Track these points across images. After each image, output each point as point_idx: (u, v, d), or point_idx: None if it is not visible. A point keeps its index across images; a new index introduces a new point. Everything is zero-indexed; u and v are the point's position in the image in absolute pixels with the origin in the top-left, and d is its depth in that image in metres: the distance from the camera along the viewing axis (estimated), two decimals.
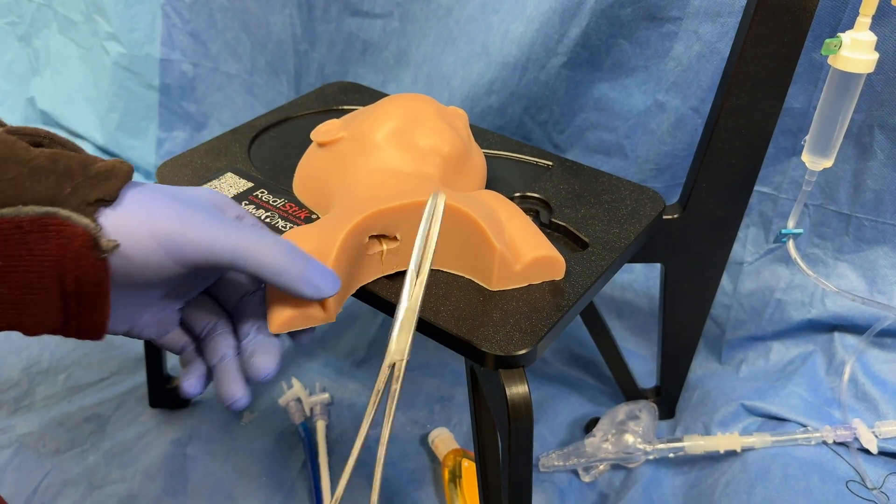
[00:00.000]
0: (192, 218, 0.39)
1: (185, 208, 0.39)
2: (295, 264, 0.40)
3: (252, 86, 1.15)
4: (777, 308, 0.85)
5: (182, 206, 0.39)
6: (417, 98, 0.59)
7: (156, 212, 0.38)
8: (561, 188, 0.63)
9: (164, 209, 0.38)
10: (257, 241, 0.39)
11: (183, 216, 0.38)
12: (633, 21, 0.79)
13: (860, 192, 0.77)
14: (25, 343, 0.94)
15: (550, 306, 0.50)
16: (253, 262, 0.39)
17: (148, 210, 0.38)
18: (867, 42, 0.56)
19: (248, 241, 0.39)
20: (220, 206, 0.45)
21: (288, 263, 0.40)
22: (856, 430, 0.72)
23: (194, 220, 0.39)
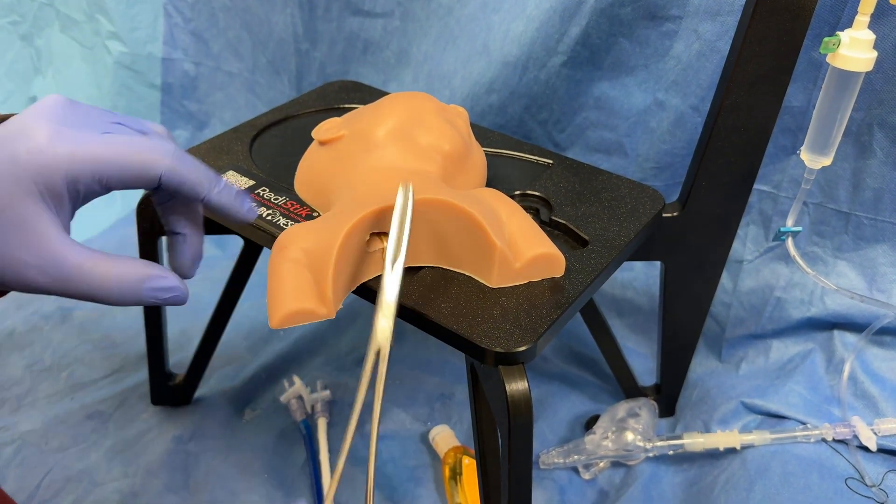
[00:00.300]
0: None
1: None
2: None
3: (254, 85, 1.15)
4: (777, 306, 0.85)
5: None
6: (418, 96, 0.60)
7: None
8: (561, 186, 0.64)
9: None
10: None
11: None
12: (633, 20, 0.79)
13: (859, 191, 0.77)
14: (28, 341, 0.94)
15: (550, 303, 0.50)
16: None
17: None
18: (866, 40, 0.56)
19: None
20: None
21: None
22: (855, 428, 0.73)
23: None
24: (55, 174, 0.38)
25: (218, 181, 0.42)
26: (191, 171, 0.41)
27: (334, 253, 0.46)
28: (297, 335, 0.95)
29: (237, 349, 0.94)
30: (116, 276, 0.39)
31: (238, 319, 0.91)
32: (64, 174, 0.38)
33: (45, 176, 0.37)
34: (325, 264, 0.46)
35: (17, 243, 0.38)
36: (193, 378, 0.85)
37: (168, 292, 0.41)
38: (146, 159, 0.39)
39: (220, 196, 0.42)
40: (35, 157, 0.37)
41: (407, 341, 0.95)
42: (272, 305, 0.46)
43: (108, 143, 0.39)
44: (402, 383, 0.89)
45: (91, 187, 0.39)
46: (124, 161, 0.39)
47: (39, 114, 0.39)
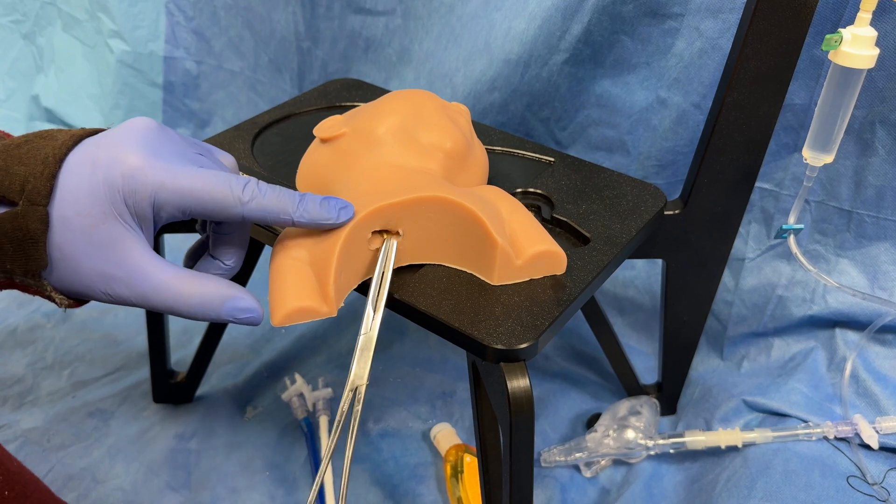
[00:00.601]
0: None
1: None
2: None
3: (255, 83, 1.15)
4: (778, 304, 0.85)
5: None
6: (419, 94, 0.60)
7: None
8: (562, 184, 0.64)
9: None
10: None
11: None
12: (634, 17, 0.79)
13: (861, 189, 0.77)
14: (30, 339, 0.94)
15: (552, 301, 0.50)
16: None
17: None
18: (868, 37, 0.56)
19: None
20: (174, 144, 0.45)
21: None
22: (857, 426, 0.73)
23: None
24: (144, 200, 0.40)
25: (301, 202, 0.44)
26: (272, 204, 0.43)
27: (336, 251, 0.46)
28: (298, 333, 0.95)
29: (239, 347, 0.94)
30: (199, 295, 0.42)
31: None
32: (152, 201, 0.41)
33: (136, 200, 0.40)
34: (326, 262, 0.46)
35: (108, 259, 0.41)
36: (195, 376, 0.85)
37: (246, 312, 0.43)
38: (229, 196, 0.42)
39: (304, 216, 0.45)
40: (128, 182, 0.40)
41: (408, 339, 0.95)
42: (274, 303, 0.46)
43: (195, 179, 0.41)
44: (404, 381, 0.89)
45: (174, 215, 0.42)
46: (209, 198, 0.41)
47: (133, 138, 0.42)
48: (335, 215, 0.46)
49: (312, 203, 0.45)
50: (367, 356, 0.46)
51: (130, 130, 0.42)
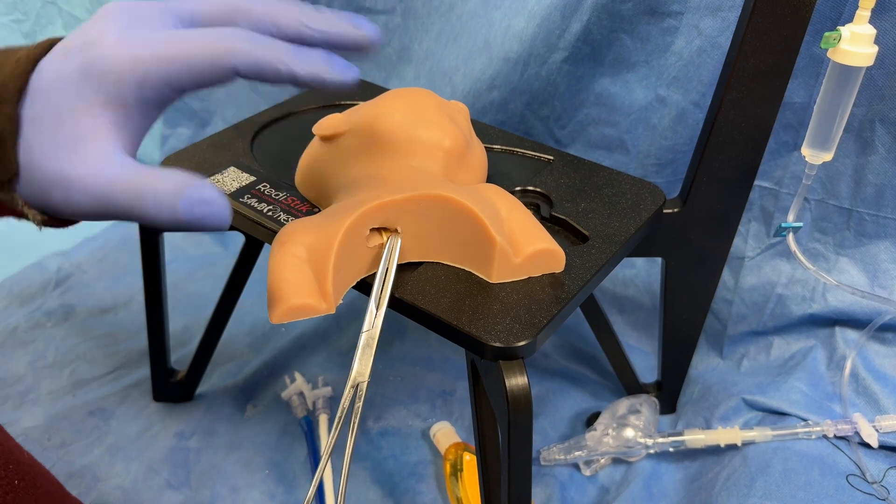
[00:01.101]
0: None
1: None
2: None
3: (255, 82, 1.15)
4: (778, 303, 0.85)
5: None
6: (418, 92, 0.60)
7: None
8: (561, 182, 0.64)
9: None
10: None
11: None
12: (633, 16, 0.79)
13: (861, 187, 0.77)
14: (31, 338, 0.94)
15: (550, 298, 0.50)
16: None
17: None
18: (866, 35, 0.56)
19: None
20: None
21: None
22: (856, 425, 0.73)
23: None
24: (119, 82, 0.35)
25: (297, 52, 0.37)
26: (266, 50, 0.36)
27: (334, 248, 0.46)
28: (298, 332, 0.95)
29: (239, 346, 0.94)
30: (152, 188, 0.35)
31: (240, 316, 0.91)
32: (129, 81, 0.35)
33: (110, 85, 0.35)
34: (325, 260, 0.46)
35: (70, 159, 0.36)
36: (195, 374, 0.85)
37: (205, 205, 0.35)
38: (215, 50, 0.36)
39: (306, 68, 0.37)
40: (103, 63, 0.35)
41: (408, 338, 0.95)
42: (272, 300, 0.46)
43: (172, 40, 0.36)
44: (403, 380, 0.89)
45: (161, 92, 0.36)
46: (192, 56, 0.35)
47: (104, 19, 0.37)
48: (341, 70, 0.39)
49: (314, 55, 0.38)
50: (369, 353, 0.46)
51: (101, 15, 0.38)
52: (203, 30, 0.37)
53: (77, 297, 1.02)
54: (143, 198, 0.35)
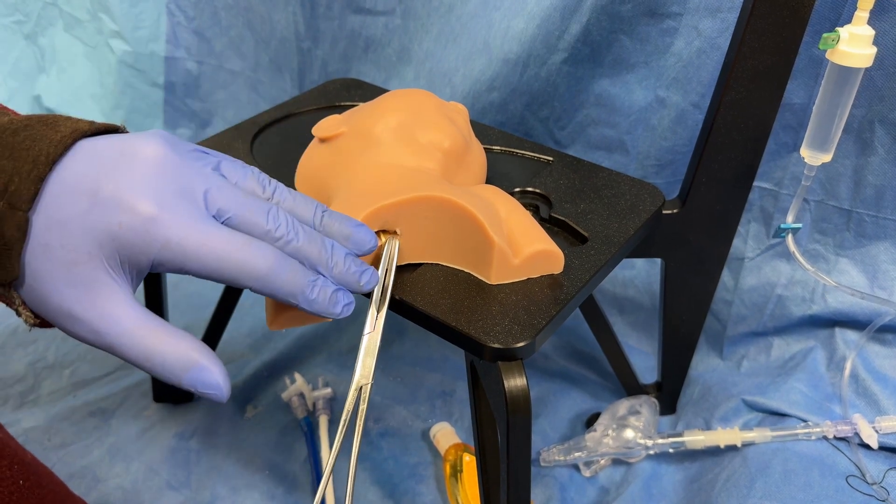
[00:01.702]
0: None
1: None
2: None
3: (256, 83, 1.15)
4: (778, 304, 0.85)
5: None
6: (418, 93, 0.60)
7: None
8: (561, 183, 0.64)
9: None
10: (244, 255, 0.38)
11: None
12: (633, 17, 0.79)
13: (861, 188, 0.77)
14: (31, 338, 0.95)
15: (549, 300, 0.50)
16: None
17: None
18: (865, 36, 0.56)
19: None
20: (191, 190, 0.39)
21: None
22: (856, 426, 0.72)
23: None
24: (142, 256, 0.36)
25: (312, 289, 0.40)
26: (286, 285, 0.39)
27: None
28: (298, 333, 0.95)
29: (239, 347, 0.94)
30: (160, 355, 0.37)
31: (240, 317, 0.92)
32: (151, 259, 0.37)
33: (132, 253, 0.36)
34: None
35: (79, 300, 0.36)
36: None
37: (209, 389, 0.38)
38: (240, 268, 0.37)
39: (314, 307, 0.40)
40: (129, 236, 0.36)
41: (407, 339, 0.95)
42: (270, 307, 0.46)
43: (206, 242, 0.37)
44: (403, 381, 0.89)
45: (173, 272, 0.38)
46: (213, 266, 0.37)
47: (143, 175, 0.37)
48: (339, 311, 0.42)
49: (323, 296, 0.41)
50: (372, 356, 0.46)
51: (143, 162, 0.37)
52: (238, 239, 0.38)
53: None
54: (151, 360, 0.37)
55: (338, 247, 0.43)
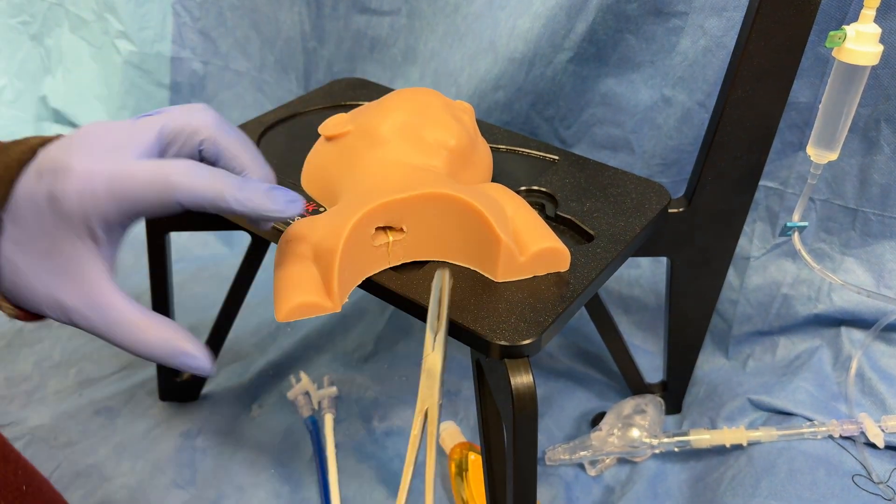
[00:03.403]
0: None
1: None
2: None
3: (261, 84, 1.16)
4: (784, 303, 0.85)
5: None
6: (423, 92, 0.60)
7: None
8: (567, 182, 0.64)
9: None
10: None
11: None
12: (639, 16, 0.79)
13: (867, 187, 0.77)
14: (37, 337, 0.95)
15: (555, 297, 0.50)
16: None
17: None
18: (872, 34, 0.56)
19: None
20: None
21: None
22: (862, 425, 0.72)
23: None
24: (85, 217, 0.38)
25: (240, 187, 0.40)
26: (207, 187, 0.39)
27: (340, 247, 0.46)
28: (304, 332, 0.95)
29: (244, 346, 0.94)
30: (145, 343, 0.40)
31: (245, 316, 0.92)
32: (91, 216, 0.38)
33: (76, 219, 0.38)
34: (330, 258, 0.46)
35: (64, 288, 0.39)
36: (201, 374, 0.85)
37: (194, 369, 0.41)
38: (161, 186, 0.38)
39: (247, 203, 0.40)
40: (62, 202, 0.38)
41: (413, 337, 0.95)
42: (278, 298, 0.46)
43: (123, 176, 0.38)
44: (409, 380, 0.89)
45: (121, 221, 0.39)
46: (140, 192, 0.38)
47: (75, 142, 0.40)
48: (282, 207, 0.41)
49: (255, 191, 0.40)
50: (433, 378, 0.43)
51: (77, 135, 0.40)
52: (153, 163, 0.39)
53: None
54: (140, 347, 0.40)
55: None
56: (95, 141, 0.40)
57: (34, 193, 0.38)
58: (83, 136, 0.40)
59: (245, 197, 0.40)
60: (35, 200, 0.38)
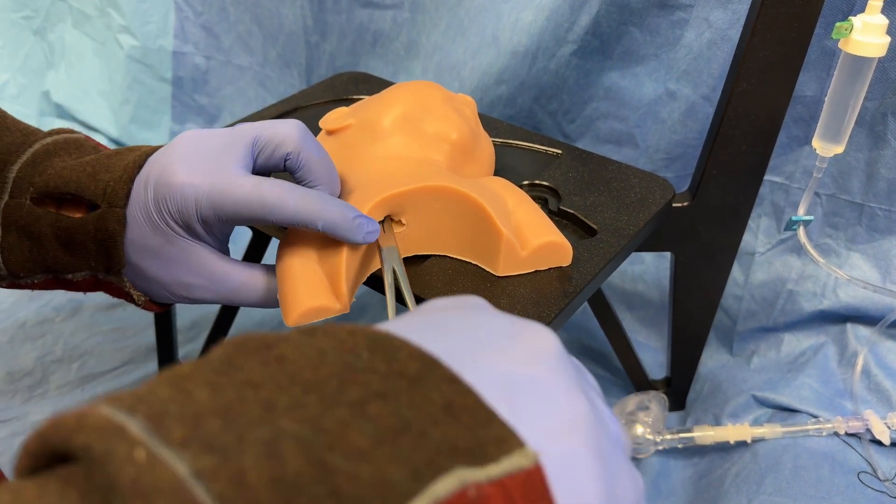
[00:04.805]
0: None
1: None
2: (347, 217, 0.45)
3: (264, 78, 1.15)
4: (789, 299, 0.84)
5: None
6: (425, 85, 0.59)
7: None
8: (570, 176, 0.63)
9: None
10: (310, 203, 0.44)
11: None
12: (643, 8, 0.78)
13: (873, 182, 0.76)
14: (39, 332, 0.95)
15: (558, 292, 0.50)
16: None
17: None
18: (879, 25, 0.55)
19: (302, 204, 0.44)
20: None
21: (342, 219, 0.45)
22: (868, 422, 0.72)
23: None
24: (189, 219, 0.44)
25: (328, 209, 0.44)
26: (300, 210, 0.43)
27: (345, 247, 0.46)
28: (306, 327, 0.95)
29: None
30: (259, 291, 0.48)
31: (247, 312, 0.91)
32: (194, 218, 0.43)
33: (184, 223, 0.44)
34: (336, 257, 0.46)
35: (183, 271, 0.46)
36: None
37: None
38: (257, 209, 0.43)
39: (333, 228, 0.44)
40: (168, 204, 0.43)
41: None
42: (286, 303, 0.45)
43: (224, 195, 0.43)
44: None
45: (222, 228, 0.46)
46: (240, 207, 0.43)
47: (174, 150, 0.44)
48: (361, 238, 0.45)
49: (342, 219, 0.44)
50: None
51: (175, 144, 0.45)
52: (250, 182, 0.43)
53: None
54: (262, 300, 0.48)
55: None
56: (195, 151, 0.44)
57: (143, 201, 0.44)
58: (184, 145, 0.45)
59: (332, 224, 0.44)
60: (144, 207, 0.44)
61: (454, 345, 0.24)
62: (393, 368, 0.22)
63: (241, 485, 0.18)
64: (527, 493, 0.20)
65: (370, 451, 0.19)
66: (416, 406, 0.21)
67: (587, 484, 0.22)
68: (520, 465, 0.21)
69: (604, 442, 0.24)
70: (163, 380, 0.21)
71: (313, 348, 0.22)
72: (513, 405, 0.22)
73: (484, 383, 0.22)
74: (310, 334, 0.23)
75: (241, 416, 0.19)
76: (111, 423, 0.19)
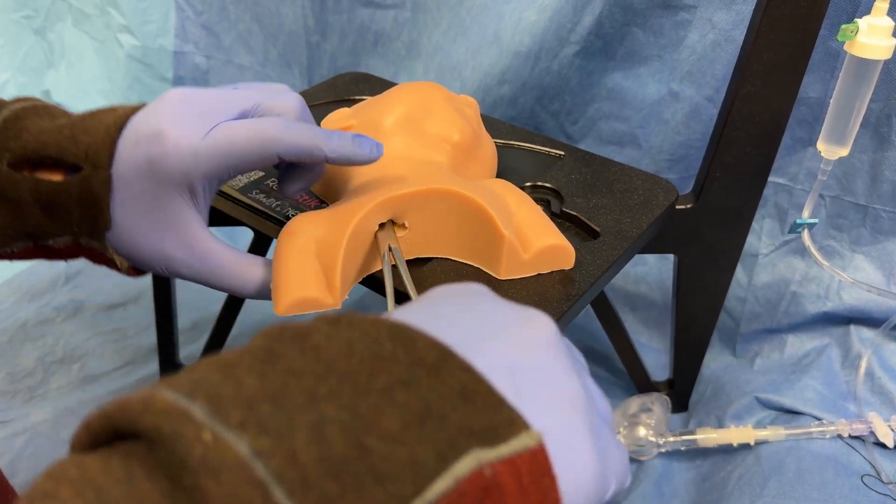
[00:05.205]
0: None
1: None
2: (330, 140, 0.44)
3: (264, 78, 1.15)
4: (792, 301, 0.84)
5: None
6: (426, 86, 0.59)
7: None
8: (572, 178, 0.63)
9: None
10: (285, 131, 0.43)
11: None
12: (646, 9, 0.78)
13: (878, 183, 0.76)
14: (40, 333, 0.95)
15: (560, 295, 0.49)
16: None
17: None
18: (884, 27, 0.55)
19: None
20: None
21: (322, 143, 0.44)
22: (871, 424, 0.71)
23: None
24: (186, 175, 0.42)
25: (329, 137, 0.44)
26: (303, 139, 0.43)
27: (344, 242, 0.46)
28: None
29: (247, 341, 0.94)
30: (244, 283, 0.47)
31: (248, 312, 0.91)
32: (192, 174, 0.42)
33: (178, 177, 0.42)
34: (334, 253, 0.46)
35: (168, 240, 0.44)
36: None
37: None
38: (261, 142, 0.42)
39: (338, 151, 0.44)
40: (163, 163, 0.42)
41: None
42: (277, 292, 0.45)
43: (225, 135, 0.42)
44: None
45: (222, 177, 0.44)
46: (242, 149, 0.42)
47: (165, 106, 0.43)
48: (368, 151, 0.45)
49: (344, 139, 0.45)
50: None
51: (165, 100, 0.44)
52: (250, 122, 0.43)
53: (86, 292, 1.02)
54: (242, 286, 0.47)
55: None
56: (185, 107, 0.43)
57: (134, 158, 0.42)
58: (172, 102, 0.43)
59: (337, 145, 0.44)
60: (135, 164, 0.42)
61: (464, 333, 0.27)
62: (413, 357, 0.24)
63: (295, 463, 0.20)
64: (532, 470, 0.23)
65: (401, 434, 0.22)
66: (436, 392, 0.23)
67: (583, 458, 0.25)
68: (526, 445, 0.23)
69: (595, 419, 0.27)
70: (213, 366, 0.23)
71: (342, 339, 0.24)
72: (517, 389, 0.25)
73: (492, 369, 0.25)
74: (335, 325, 0.25)
75: (288, 402, 0.22)
76: (176, 407, 0.20)
